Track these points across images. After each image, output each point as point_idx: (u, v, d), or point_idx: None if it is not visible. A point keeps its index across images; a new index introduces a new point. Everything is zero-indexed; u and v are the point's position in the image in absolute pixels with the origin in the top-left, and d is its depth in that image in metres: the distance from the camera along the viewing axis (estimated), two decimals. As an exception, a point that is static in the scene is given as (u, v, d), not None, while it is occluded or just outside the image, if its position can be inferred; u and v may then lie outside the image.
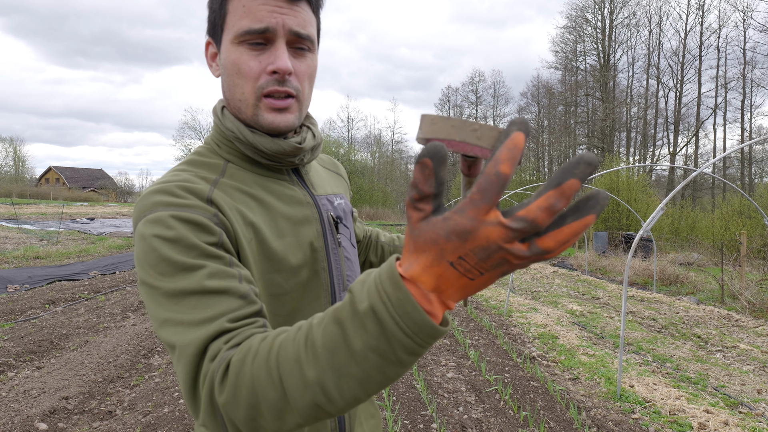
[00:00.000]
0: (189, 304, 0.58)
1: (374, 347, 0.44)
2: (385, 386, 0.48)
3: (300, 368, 0.48)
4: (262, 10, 0.70)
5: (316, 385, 0.47)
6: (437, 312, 0.44)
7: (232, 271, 0.63)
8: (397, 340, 0.43)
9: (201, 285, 0.59)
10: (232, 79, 0.74)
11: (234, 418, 0.52)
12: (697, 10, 32.46)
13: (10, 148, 57.50)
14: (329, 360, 0.47)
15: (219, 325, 0.56)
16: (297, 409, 0.49)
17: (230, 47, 0.73)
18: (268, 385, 0.50)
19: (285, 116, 0.75)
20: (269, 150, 0.76)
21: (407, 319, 0.43)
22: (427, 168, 0.40)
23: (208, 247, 0.63)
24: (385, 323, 0.43)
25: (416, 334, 0.43)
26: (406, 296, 0.42)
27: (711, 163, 4.40)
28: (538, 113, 44.12)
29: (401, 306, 0.43)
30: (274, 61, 0.71)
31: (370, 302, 0.44)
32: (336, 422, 0.81)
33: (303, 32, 0.73)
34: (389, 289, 0.43)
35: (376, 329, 0.44)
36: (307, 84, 0.77)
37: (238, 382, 0.51)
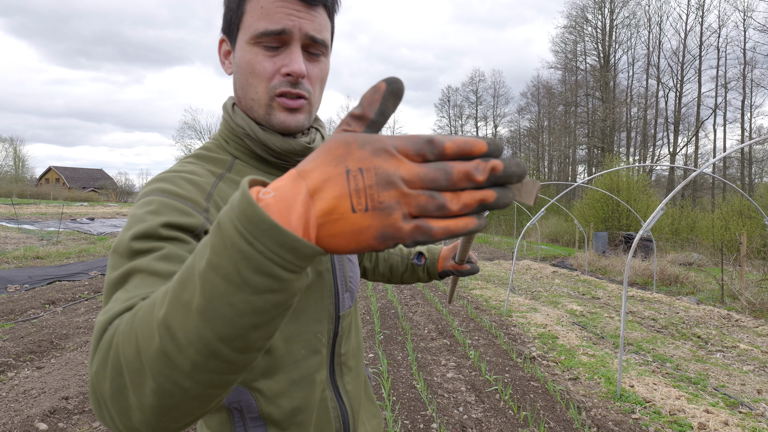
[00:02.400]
0: (132, 284, 0.54)
1: (215, 264, 0.37)
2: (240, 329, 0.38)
3: (153, 311, 0.42)
4: (280, 12, 0.70)
5: (162, 324, 0.40)
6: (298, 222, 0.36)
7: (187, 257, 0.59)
8: (236, 249, 0.36)
9: (148, 265, 0.55)
10: (245, 78, 0.75)
11: (103, 393, 0.44)
12: (697, 10, 32.46)
13: (10, 148, 57.53)
14: (178, 293, 0.40)
15: (132, 303, 0.50)
16: (147, 362, 0.41)
17: (246, 47, 0.74)
18: (128, 339, 0.42)
19: (296, 116, 0.76)
20: (279, 148, 0.77)
21: (242, 217, 0.36)
22: (378, 92, 0.38)
23: (179, 232, 0.61)
24: (223, 230, 0.37)
25: (254, 236, 0.36)
26: (243, 194, 0.37)
27: (711, 163, 4.40)
28: (538, 113, 44.12)
29: (239, 206, 0.37)
30: (288, 64, 0.72)
31: (218, 216, 0.39)
32: (340, 422, 0.82)
33: (318, 37, 0.73)
34: (234, 195, 0.38)
35: (217, 241, 0.38)
36: (318, 87, 0.78)
37: (110, 344, 0.44)
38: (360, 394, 0.88)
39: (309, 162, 0.38)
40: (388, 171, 0.35)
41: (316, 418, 0.78)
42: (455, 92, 51.66)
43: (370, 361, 4.73)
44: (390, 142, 0.36)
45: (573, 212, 20.65)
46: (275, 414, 0.73)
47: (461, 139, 0.36)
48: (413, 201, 0.35)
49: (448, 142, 0.36)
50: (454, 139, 0.36)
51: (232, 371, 0.41)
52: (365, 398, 0.93)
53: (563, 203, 27.98)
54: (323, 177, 0.36)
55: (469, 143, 0.36)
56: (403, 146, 0.36)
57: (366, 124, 0.39)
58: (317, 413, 0.78)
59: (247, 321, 0.38)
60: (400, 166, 0.36)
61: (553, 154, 42.74)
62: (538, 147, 43.81)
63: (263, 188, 0.39)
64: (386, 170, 0.35)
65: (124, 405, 0.43)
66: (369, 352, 4.98)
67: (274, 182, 0.39)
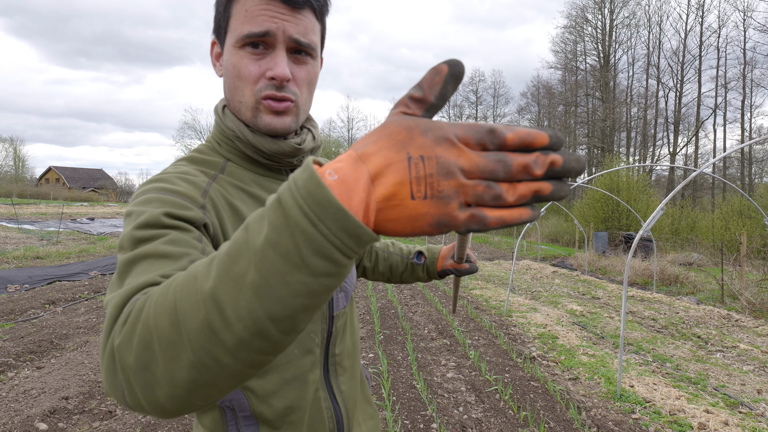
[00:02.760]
0: (140, 269, 0.53)
1: (275, 242, 0.37)
2: (291, 310, 0.38)
3: (195, 283, 0.41)
4: (264, 15, 0.70)
5: (210, 297, 0.39)
6: (359, 206, 0.36)
7: (196, 244, 0.60)
8: (299, 228, 0.36)
9: (156, 249, 0.55)
10: (233, 81, 0.75)
11: (126, 366, 0.42)
12: (697, 10, 32.46)
13: (10, 148, 57.52)
14: (228, 267, 0.39)
15: (151, 279, 0.50)
16: (188, 335, 0.39)
17: (232, 50, 0.74)
18: (162, 312, 0.41)
19: (282, 119, 0.76)
20: (269, 150, 0.77)
21: (309, 198, 0.36)
22: (440, 75, 0.38)
23: (180, 221, 0.62)
24: (286, 208, 0.37)
25: (320, 218, 0.36)
26: (312, 175, 0.36)
27: (711, 163, 4.40)
28: (538, 113, 44.11)
29: (306, 186, 0.36)
30: (272, 68, 0.72)
31: (279, 193, 0.38)
32: (334, 423, 0.81)
33: (303, 40, 0.73)
34: (298, 174, 0.38)
35: (278, 219, 0.37)
36: (306, 90, 0.78)
37: (137, 319, 0.43)
38: (355, 395, 0.88)
39: (369, 145, 0.37)
40: (449, 160, 0.36)
41: (309, 417, 0.78)
42: (455, 92, 51.66)
43: (370, 361, 4.73)
44: (452, 131, 0.36)
45: (573, 212, 20.65)
46: (267, 413, 0.73)
47: (523, 131, 0.36)
48: (471, 191, 0.36)
49: (510, 134, 0.36)
50: (516, 130, 0.36)
51: (273, 352, 0.41)
52: (361, 399, 0.93)
53: (563, 203, 27.97)
54: (385, 162, 0.36)
55: (531, 135, 0.36)
56: (465, 135, 0.36)
57: (425, 108, 0.38)
58: (310, 413, 0.78)
59: (299, 302, 0.38)
60: (461, 155, 0.36)
61: (553, 154, 42.71)
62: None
63: (325, 168, 0.38)
64: (447, 159, 0.36)
65: (150, 379, 0.41)
66: (369, 352, 4.98)
67: (332, 163, 0.38)
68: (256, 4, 0.70)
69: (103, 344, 0.46)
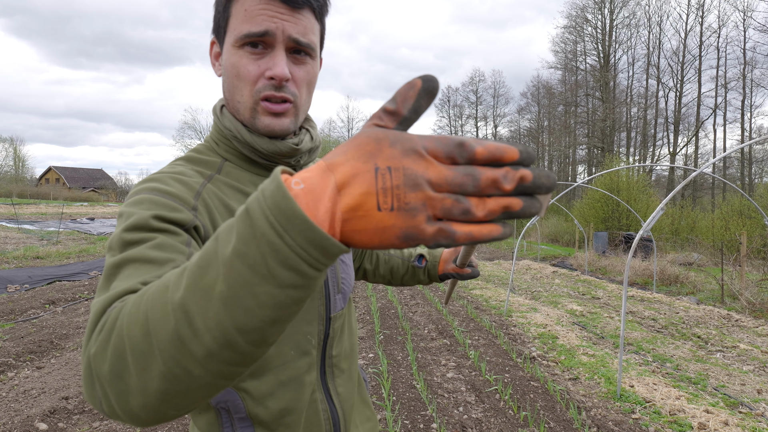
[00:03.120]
0: (125, 273, 0.54)
1: (242, 253, 0.37)
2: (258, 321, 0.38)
3: (167, 293, 0.41)
4: (263, 14, 0.70)
5: (179, 308, 0.39)
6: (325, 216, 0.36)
7: (183, 249, 0.60)
8: (265, 240, 0.36)
9: (142, 254, 0.56)
10: (231, 81, 0.75)
11: (101, 374, 0.43)
12: (697, 10, 32.46)
13: (10, 148, 57.52)
14: (197, 278, 0.39)
15: (131, 286, 0.50)
16: (159, 345, 0.40)
17: (231, 50, 0.74)
18: (134, 322, 0.42)
19: (281, 120, 0.75)
20: (266, 150, 0.77)
21: (275, 209, 0.36)
22: (413, 89, 0.38)
23: (169, 224, 0.62)
24: (254, 219, 0.37)
25: (285, 230, 0.36)
26: (278, 185, 0.37)
27: (711, 163, 4.40)
28: (538, 113, 44.13)
29: (272, 197, 0.37)
30: (271, 67, 0.72)
31: (248, 203, 0.39)
32: (330, 425, 0.81)
33: (303, 40, 0.73)
34: (266, 184, 0.38)
35: (246, 230, 0.37)
36: (305, 90, 0.78)
37: (112, 328, 0.44)
38: (353, 397, 0.88)
39: (338, 155, 0.38)
40: (416, 172, 0.35)
41: (305, 419, 0.78)
42: (455, 92, 51.62)
43: (370, 361, 4.73)
44: (420, 143, 0.36)
45: (573, 212, 20.65)
46: (263, 415, 0.73)
47: (493, 145, 0.36)
48: (439, 204, 0.35)
49: (479, 147, 0.36)
50: (485, 144, 0.36)
51: (243, 363, 0.41)
52: (359, 401, 0.92)
53: (563, 203, 27.97)
54: (352, 172, 0.36)
55: (501, 149, 0.36)
56: (434, 148, 0.36)
57: (398, 120, 0.39)
58: (306, 415, 0.78)
59: (267, 314, 0.38)
60: (429, 168, 0.35)
61: (553, 154, 42.72)
62: (538, 147, 43.76)
63: (292, 178, 0.38)
64: (414, 171, 0.35)
65: (124, 388, 0.42)
66: (369, 352, 4.98)
67: (302, 173, 0.38)
68: (255, 3, 0.70)
69: (83, 352, 0.46)
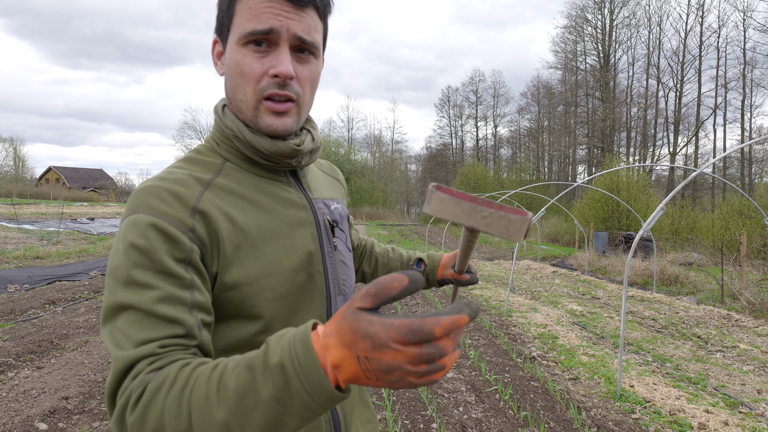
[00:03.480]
0: (133, 318, 0.61)
1: (278, 398, 0.50)
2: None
3: (209, 407, 0.52)
4: (268, 12, 0.70)
5: (223, 425, 0.51)
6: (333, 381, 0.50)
7: (186, 297, 0.64)
8: (299, 397, 0.49)
9: (150, 308, 0.61)
10: (234, 80, 0.75)
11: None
12: (697, 10, 32.46)
13: (10, 148, 57.50)
14: (238, 403, 0.51)
15: (150, 349, 0.59)
16: None
17: (235, 48, 0.73)
18: (176, 417, 0.53)
19: (283, 120, 0.75)
20: (267, 150, 0.76)
21: (311, 381, 0.49)
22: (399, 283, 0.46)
23: (173, 264, 0.65)
24: (290, 380, 0.49)
25: (316, 394, 0.49)
26: (314, 361, 0.48)
27: (711, 163, 4.40)
28: (538, 113, 44.12)
29: (307, 369, 0.49)
30: (276, 65, 0.72)
31: (281, 358, 0.50)
32: (331, 427, 0.80)
33: (307, 38, 0.73)
34: (300, 350, 0.49)
35: (282, 383, 0.49)
36: (308, 89, 0.77)
37: (150, 408, 0.55)
38: (353, 399, 0.87)
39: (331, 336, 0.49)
40: (388, 363, 0.45)
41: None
42: (455, 92, 51.65)
43: (370, 361, 4.73)
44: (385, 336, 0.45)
45: (573, 212, 20.65)
46: None
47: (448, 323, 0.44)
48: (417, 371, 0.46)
49: (437, 329, 0.44)
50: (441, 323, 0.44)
51: None
52: (359, 403, 0.92)
53: (563, 203, 27.98)
54: (341, 357, 0.48)
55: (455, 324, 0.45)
56: (400, 339, 0.44)
57: (375, 304, 0.47)
58: None
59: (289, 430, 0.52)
60: (398, 355, 0.45)
61: (553, 154, 42.72)
62: (538, 147, 43.79)
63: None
64: (386, 362, 0.45)
65: None
66: (369, 352, 4.98)
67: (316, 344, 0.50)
68: (260, 1, 0.70)
69: (110, 395, 0.59)
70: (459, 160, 49.35)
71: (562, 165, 42.14)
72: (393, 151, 53.61)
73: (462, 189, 33.70)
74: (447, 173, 48.68)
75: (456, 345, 0.48)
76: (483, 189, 32.82)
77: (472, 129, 49.20)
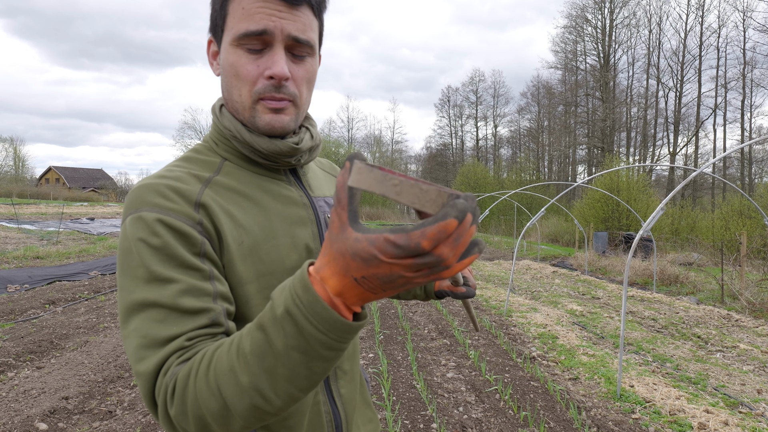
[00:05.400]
0: (157, 316, 0.61)
1: (295, 346, 0.49)
2: (316, 381, 0.53)
3: (234, 376, 0.53)
4: (261, 13, 0.69)
5: (252, 389, 0.52)
6: (344, 311, 0.49)
7: (208, 288, 0.64)
8: (314, 338, 0.48)
9: (174, 302, 0.61)
10: (230, 81, 0.74)
11: (186, 427, 0.57)
12: (697, 10, 32.46)
13: (10, 148, 57.49)
14: (258, 364, 0.51)
15: (178, 344, 0.60)
16: (239, 413, 0.53)
17: (229, 49, 0.73)
18: (209, 397, 0.54)
19: (281, 117, 0.74)
20: (266, 150, 0.76)
21: (319, 318, 0.48)
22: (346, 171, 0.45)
23: (190, 257, 0.64)
24: (300, 324, 0.48)
25: (330, 330, 0.48)
26: (315, 298, 0.47)
27: (711, 163, 4.40)
28: (538, 113, 44.10)
29: (312, 307, 0.48)
30: (271, 66, 0.71)
31: (285, 306, 0.49)
32: (333, 427, 0.80)
33: (302, 37, 0.72)
34: (300, 292, 0.49)
35: (293, 330, 0.49)
36: (305, 88, 0.77)
37: (184, 397, 0.56)
38: (355, 398, 0.87)
39: (324, 268, 0.48)
40: (386, 274, 0.43)
41: (308, 422, 0.77)
42: (455, 92, 51.67)
43: (370, 361, 4.73)
44: (375, 251, 0.42)
45: (573, 212, 20.65)
46: None
47: (433, 232, 0.40)
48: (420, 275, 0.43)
49: (424, 242, 0.40)
50: (427, 235, 0.40)
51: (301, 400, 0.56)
52: (361, 402, 0.91)
53: (563, 203, 27.97)
54: (340, 285, 0.47)
55: (443, 232, 0.40)
56: (389, 253, 0.41)
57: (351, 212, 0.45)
58: (309, 417, 0.77)
59: (320, 376, 0.53)
60: (393, 268, 0.42)
61: (553, 154, 42.72)
62: (538, 147, 43.77)
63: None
64: (384, 274, 0.43)
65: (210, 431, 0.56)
66: (369, 352, 4.98)
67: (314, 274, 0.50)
68: (252, 1, 0.69)
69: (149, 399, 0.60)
70: (459, 160, 49.33)
71: (562, 165, 42.13)
72: (393, 151, 53.62)
73: (462, 189, 33.67)
74: (447, 173, 48.66)
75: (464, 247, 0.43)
76: (483, 189, 32.81)
77: (472, 129, 49.20)
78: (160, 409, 0.58)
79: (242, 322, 0.71)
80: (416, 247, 0.40)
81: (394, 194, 0.43)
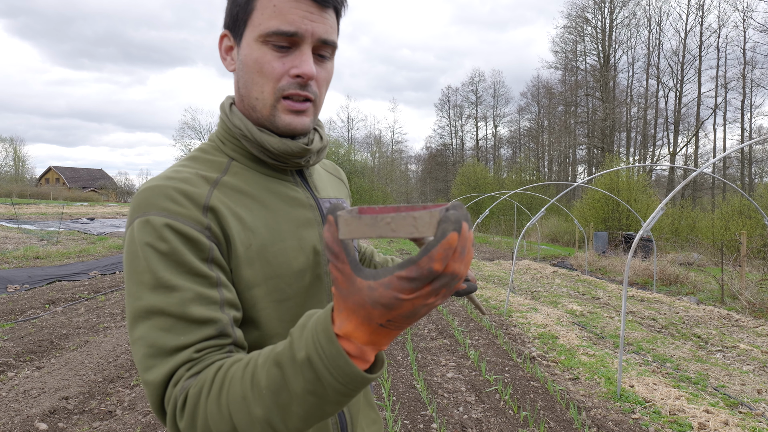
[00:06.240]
0: (165, 324, 0.61)
1: (312, 391, 0.50)
2: (327, 418, 0.55)
3: (247, 406, 0.54)
4: (294, 14, 0.69)
5: (264, 421, 0.53)
6: (370, 357, 0.50)
7: (215, 296, 0.64)
8: (332, 387, 0.49)
9: (181, 311, 0.61)
10: (251, 77, 0.73)
11: None
12: (697, 10, 32.45)
13: (10, 148, 57.48)
14: (273, 399, 0.52)
15: (187, 355, 0.60)
16: None
17: (253, 44, 0.72)
18: (220, 420, 0.55)
19: (302, 119, 0.75)
20: (276, 149, 0.75)
21: (340, 371, 0.49)
22: (332, 226, 0.44)
23: (198, 263, 0.64)
24: (320, 374, 0.49)
25: (348, 383, 0.49)
26: (339, 352, 0.48)
27: (711, 163, 4.40)
28: (538, 113, 44.10)
29: (334, 360, 0.48)
30: (299, 65, 0.71)
31: (307, 353, 0.50)
32: (338, 429, 0.80)
33: (329, 39, 0.73)
34: (324, 344, 0.49)
35: (312, 377, 0.50)
36: (324, 89, 0.77)
37: (195, 414, 0.57)
38: (359, 400, 0.87)
39: (346, 322, 0.48)
40: (409, 310, 0.43)
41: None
42: (455, 92, 51.68)
43: (370, 361, 4.73)
44: (393, 295, 0.42)
45: (573, 212, 20.65)
46: None
47: (440, 254, 0.40)
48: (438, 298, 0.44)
49: (435, 265, 0.40)
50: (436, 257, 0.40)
51: None
52: (364, 403, 0.91)
53: (563, 203, 27.97)
54: (368, 334, 0.47)
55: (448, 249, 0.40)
56: (406, 290, 0.42)
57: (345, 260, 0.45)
58: None
59: (330, 415, 0.54)
60: (415, 302, 0.43)
61: (553, 154, 42.71)
62: (538, 147, 43.77)
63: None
64: (407, 311, 0.43)
65: None
66: (369, 352, 4.98)
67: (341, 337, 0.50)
68: (285, 0, 0.69)
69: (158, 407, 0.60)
70: (459, 160, 49.32)
71: (562, 165, 42.13)
72: (393, 151, 53.59)
73: (462, 189, 33.67)
74: (447, 173, 48.65)
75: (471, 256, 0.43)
76: (483, 189, 32.80)
77: (472, 129, 49.19)
78: (168, 418, 0.59)
79: (250, 325, 0.71)
80: (429, 273, 0.41)
81: (390, 232, 0.43)
